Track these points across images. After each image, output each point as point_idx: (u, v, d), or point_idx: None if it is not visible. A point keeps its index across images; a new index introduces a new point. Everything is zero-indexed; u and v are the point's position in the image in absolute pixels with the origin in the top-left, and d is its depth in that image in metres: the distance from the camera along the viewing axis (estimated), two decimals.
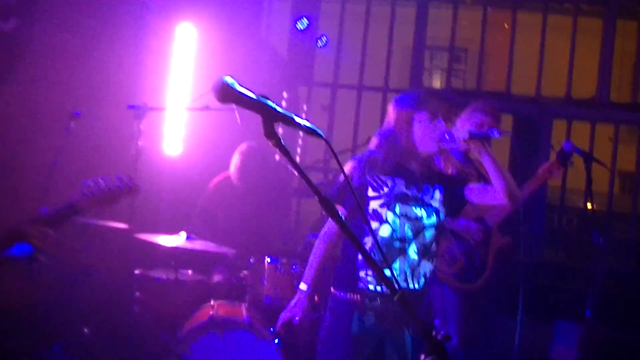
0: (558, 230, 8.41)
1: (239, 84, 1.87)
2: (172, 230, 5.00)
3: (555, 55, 8.13)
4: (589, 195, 4.42)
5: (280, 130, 1.98)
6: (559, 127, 7.80)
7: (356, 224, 3.26)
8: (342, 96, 8.52)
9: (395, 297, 1.86)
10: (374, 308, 3.23)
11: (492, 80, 9.46)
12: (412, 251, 3.24)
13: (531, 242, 7.35)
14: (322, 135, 1.92)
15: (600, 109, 7.71)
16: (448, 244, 4.34)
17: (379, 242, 3.18)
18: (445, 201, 3.34)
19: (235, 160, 6.03)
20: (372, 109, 8.18)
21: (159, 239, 4.90)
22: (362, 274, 3.22)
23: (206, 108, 5.19)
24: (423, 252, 3.25)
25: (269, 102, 1.88)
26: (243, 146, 6.06)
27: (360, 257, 3.17)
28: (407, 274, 3.22)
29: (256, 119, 1.88)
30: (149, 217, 5.45)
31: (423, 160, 3.30)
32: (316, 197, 1.89)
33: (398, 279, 3.13)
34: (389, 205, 3.22)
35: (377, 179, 3.26)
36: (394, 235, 3.21)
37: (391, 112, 3.38)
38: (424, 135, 3.25)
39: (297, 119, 1.92)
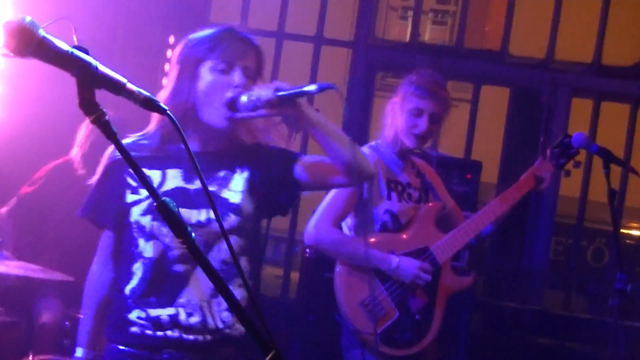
0: (571, 265, 7.17)
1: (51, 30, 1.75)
2: None
3: (577, 1, 7.42)
4: (613, 216, 3.94)
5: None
6: (580, 109, 6.69)
7: (125, 246, 2.78)
8: None
9: None
10: None
11: (488, 33, 8.87)
12: (203, 274, 2.35)
13: (527, 281, 6.48)
14: (166, 110, 1.76)
15: None
16: (371, 287, 3.75)
17: (148, 266, 2.69)
18: (256, 189, 2.77)
19: (81, 136, 5.25)
20: (299, 66, 7.00)
21: None
22: (133, 315, 2.69)
23: None
24: (225, 273, 2.64)
25: (88, 58, 1.71)
26: None
27: (129, 290, 2.70)
28: (203, 308, 2.68)
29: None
30: None
31: (220, 134, 2.75)
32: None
33: (188, 319, 2.65)
34: (153, 211, 2.55)
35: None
36: (168, 254, 2.68)
37: (173, 60, 2.80)
38: (210, 94, 2.69)
39: (131, 86, 1.75)
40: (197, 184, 2.76)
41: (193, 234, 1.72)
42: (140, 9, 6.63)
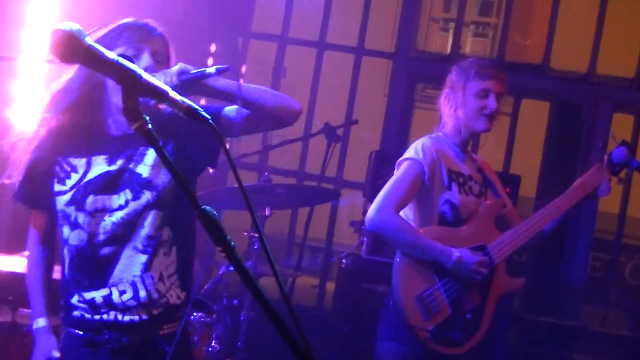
0: (609, 281, 7.05)
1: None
2: (12, 247, 4.59)
3: (620, 16, 6.99)
4: None
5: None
6: (621, 124, 6.57)
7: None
8: (295, 56, 7.21)
9: None
10: (106, 343, 2.76)
11: (529, 46, 8.67)
12: (130, 252, 2.76)
13: (564, 296, 6.42)
14: (209, 119, 1.74)
15: None
16: (429, 281, 3.63)
17: (73, 252, 2.75)
18: (174, 158, 2.71)
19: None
20: (340, 77, 7.06)
21: None
22: (74, 299, 2.77)
23: None
24: (152, 247, 2.76)
25: (132, 66, 1.72)
26: None
27: (66, 274, 2.78)
28: (136, 284, 2.73)
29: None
30: None
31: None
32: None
33: (121, 297, 2.70)
34: (76, 202, 2.75)
35: (66, 164, 2.77)
36: (94, 240, 2.74)
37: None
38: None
39: (173, 94, 1.75)
40: (118, 164, 2.76)
41: (232, 243, 1.69)
42: (183, 19, 6.66)
